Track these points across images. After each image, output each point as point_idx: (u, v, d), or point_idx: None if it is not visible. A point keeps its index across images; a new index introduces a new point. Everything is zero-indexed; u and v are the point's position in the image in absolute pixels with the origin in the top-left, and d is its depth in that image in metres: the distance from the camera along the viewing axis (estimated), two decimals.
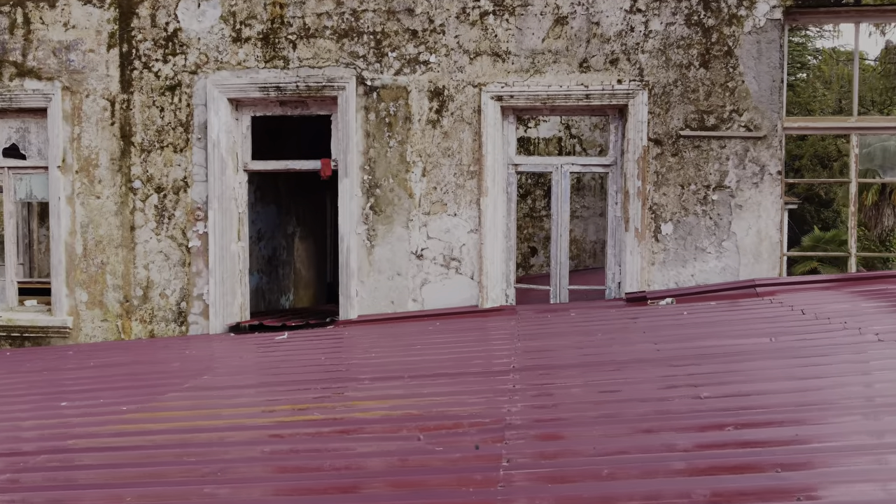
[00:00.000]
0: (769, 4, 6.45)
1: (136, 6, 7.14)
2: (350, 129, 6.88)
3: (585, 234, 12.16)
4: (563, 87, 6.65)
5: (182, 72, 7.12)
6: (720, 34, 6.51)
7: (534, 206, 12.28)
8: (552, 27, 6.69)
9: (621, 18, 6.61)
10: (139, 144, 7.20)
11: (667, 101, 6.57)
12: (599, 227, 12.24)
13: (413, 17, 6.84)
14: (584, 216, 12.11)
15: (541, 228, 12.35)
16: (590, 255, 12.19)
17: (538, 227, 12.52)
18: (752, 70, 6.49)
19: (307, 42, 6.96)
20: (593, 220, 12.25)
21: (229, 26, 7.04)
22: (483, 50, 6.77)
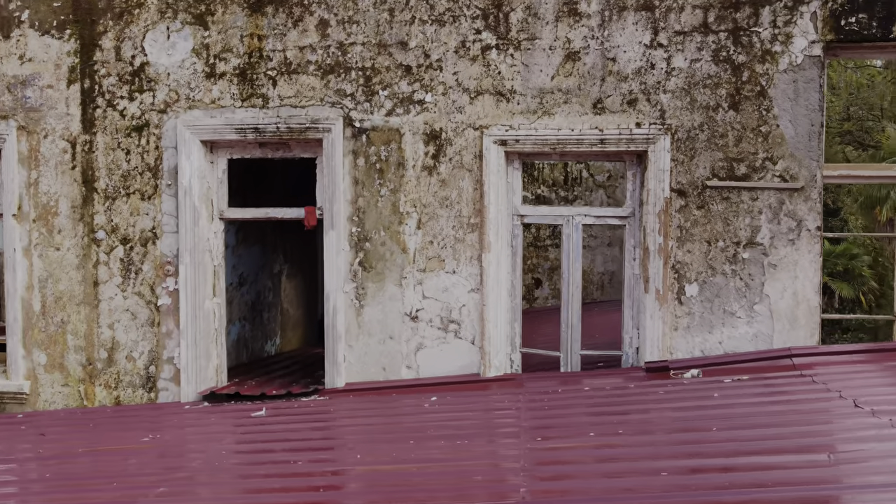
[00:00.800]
0: (807, 39, 5.73)
1: (99, 37, 6.41)
2: (336, 175, 6.16)
3: (593, 265, 11.45)
4: (575, 130, 5.93)
5: (150, 110, 6.39)
6: (752, 72, 5.79)
7: (538, 235, 11.57)
8: (562, 63, 5.96)
9: (640, 54, 5.89)
10: (103, 191, 6.47)
11: (692, 147, 5.85)
12: (608, 258, 11.54)
13: (406, 52, 6.11)
14: (592, 246, 11.40)
15: (546, 259, 11.65)
16: (597, 288, 11.49)
17: (543, 256, 11.82)
18: (788, 113, 5.77)
19: (289, 78, 6.24)
20: (601, 251, 11.55)
21: (202, 60, 6.32)
22: (485, 88, 6.05)
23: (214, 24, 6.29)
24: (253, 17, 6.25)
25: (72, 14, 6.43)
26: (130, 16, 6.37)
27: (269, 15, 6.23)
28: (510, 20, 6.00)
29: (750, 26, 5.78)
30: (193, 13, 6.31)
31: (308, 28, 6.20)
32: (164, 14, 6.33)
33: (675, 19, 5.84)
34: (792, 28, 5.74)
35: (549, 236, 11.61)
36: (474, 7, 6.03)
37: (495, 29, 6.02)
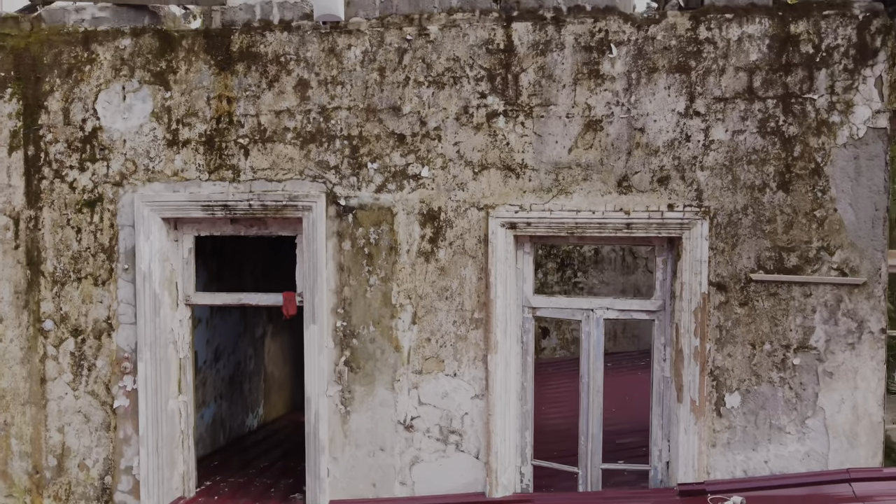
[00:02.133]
0: (871, 108, 4.86)
1: (45, 97, 5.54)
2: (318, 261, 5.30)
3: None
4: (597, 212, 5.06)
5: (104, 183, 5.53)
6: (805, 147, 4.92)
7: (545, 281, 10.71)
8: (582, 134, 5.09)
9: (674, 124, 5.02)
10: (51, 274, 5.62)
11: (734, 234, 4.99)
12: None
13: (400, 118, 5.24)
14: (604, 294, 10.54)
15: None
16: (609, 338, 10.64)
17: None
18: (848, 195, 4.90)
19: (263, 147, 5.37)
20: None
21: (163, 126, 5.45)
22: (491, 162, 5.18)
23: (177, 84, 5.42)
24: (221, 77, 5.38)
25: (13, 70, 5.57)
26: (80, 73, 5.50)
27: (239, 74, 5.37)
28: (520, 83, 5.13)
29: (803, 92, 4.91)
30: (153, 71, 5.44)
31: (285, 89, 5.33)
32: (119, 72, 5.47)
33: (715, 83, 4.97)
34: (853, 95, 4.87)
35: (558, 281, 10.75)
36: (478, 67, 5.16)
37: (503, 93, 5.15)
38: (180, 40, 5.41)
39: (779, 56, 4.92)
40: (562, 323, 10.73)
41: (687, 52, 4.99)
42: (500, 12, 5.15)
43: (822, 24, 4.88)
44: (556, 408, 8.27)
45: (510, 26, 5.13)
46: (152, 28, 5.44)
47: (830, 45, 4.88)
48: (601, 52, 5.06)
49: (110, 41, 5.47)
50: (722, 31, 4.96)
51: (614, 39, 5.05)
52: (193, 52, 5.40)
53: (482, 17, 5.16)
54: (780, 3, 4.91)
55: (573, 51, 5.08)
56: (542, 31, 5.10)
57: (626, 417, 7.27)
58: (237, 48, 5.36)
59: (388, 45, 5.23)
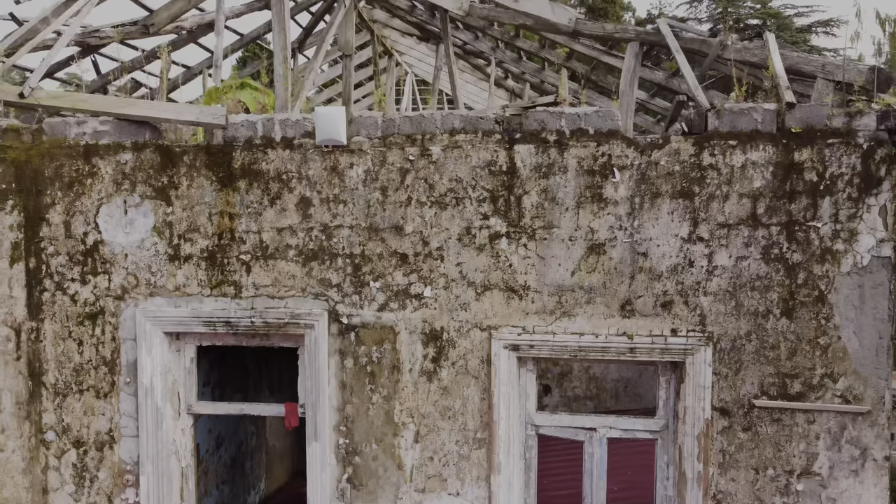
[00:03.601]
0: (875, 237, 4.84)
1: (47, 210, 5.53)
2: (321, 378, 5.29)
3: (606, 370, 10.58)
4: (600, 336, 5.05)
5: (105, 296, 5.52)
6: (809, 274, 4.90)
7: None
8: (585, 257, 5.08)
9: (677, 249, 5.01)
10: (52, 386, 5.61)
11: (737, 360, 4.98)
12: (622, 365, 10.66)
13: (402, 238, 5.23)
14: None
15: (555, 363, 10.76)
16: (612, 396, 10.62)
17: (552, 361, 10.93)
18: (852, 323, 4.89)
19: (265, 264, 5.36)
20: None
21: (165, 241, 5.44)
22: (494, 283, 5.17)
23: (179, 200, 5.41)
24: (223, 193, 5.37)
25: (14, 183, 5.55)
26: (82, 187, 5.49)
27: (241, 191, 5.35)
28: (523, 205, 5.12)
29: (807, 220, 4.89)
30: (154, 186, 5.43)
31: (287, 207, 5.32)
32: (121, 186, 5.45)
33: (719, 209, 4.96)
34: (857, 224, 4.86)
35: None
36: (481, 188, 5.15)
37: (506, 214, 5.14)
38: (182, 156, 5.40)
39: (783, 183, 4.91)
40: (564, 380, 10.71)
41: (690, 178, 4.97)
42: (503, 134, 5.13)
43: (826, 152, 4.86)
44: (557, 481, 8.25)
45: (513, 148, 5.12)
46: (154, 143, 5.42)
47: (834, 173, 4.87)
48: (604, 175, 5.05)
49: (111, 155, 5.45)
50: (726, 157, 4.94)
51: (617, 163, 5.03)
52: (195, 168, 5.38)
53: (485, 139, 5.14)
54: (784, 131, 4.89)
55: (576, 174, 5.07)
56: (545, 154, 5.09)
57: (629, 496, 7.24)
58: (239, 165, 5.34)
59: (390, 164, 5.22)
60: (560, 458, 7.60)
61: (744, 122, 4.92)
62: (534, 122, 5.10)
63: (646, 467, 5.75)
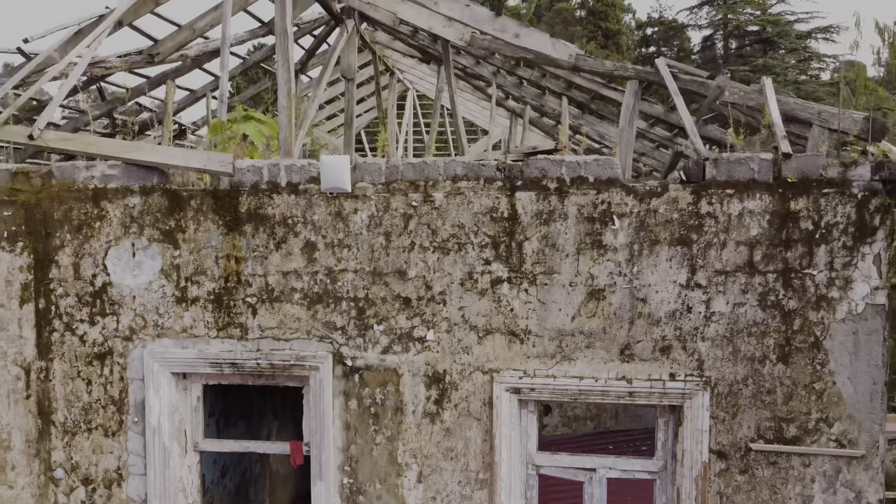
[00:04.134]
0: (870, 285, 4.94)
1: (56, 252, 5.62)
2: (325, 419, 5.39)
3: None
4: (600, 380, 5.15)
5: (114, 337, 5.61)
6: (805, 321, 5.00)
7: None
8: (585, 302, 5.18)
9: (675, 295, 5.10)
10: (61, 424, 5.70)
11: (734, 404, 5.08)
12: None
13: (405, 282, 5.33)
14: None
15: None
16: (611, 416, 10.73)
17: None
18: (847, 368, 4.99)
19: (270, 307, 5.46)
20: None
21: (172, 283, 5.53)
22: (495, 327, 5.27)
23: (186, 243, 5.51)
24: (229, 237, 5.46)
25: (24, 225, 5.65)
26: (91, 230, 5.58)
27: (247, 235, 5.45)
28: (524, 251, 5.21)
29: (803, 268, 4.99)
30: (162, 229, 5.52)
31: (292, 251, 5.42)
32: (129, 229, 5.55)
33: (716, 256, 5.06)
34: (852, 272, 4.95)
35: None
36: (483, 234, 5.25)
37: (507, 260, 5.23)
38: (189, 200, 5.49)
39: (779, 231, 5.00)
40: None
41: (688, 226, 5.07)
42: (505, 181, 5.23)
43: (821, 201, 4.96)
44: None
45: (514, 195, 5.21)
46: (161, 187, 5.52)
47: (830, 222, 4.96)
48: (604, 223, 5.14)
49: (120, 199, 5.55)
50: (723, 205, 5.04)
51: (617, 211, 5.13)
52: (202, 212, 5.48)
53: (486, 186, 5.24)
54: (780, 180, 4.99)
55: (576, 221, 5.17)
56: (546, 201, 5.18)
57: None
58: (245, 209, 5.44)
59: (393, 210, 5.32)
60: (561, 497, 7.68)
61: (741, 171, 5.02)
62: (535, 169, 5.20)
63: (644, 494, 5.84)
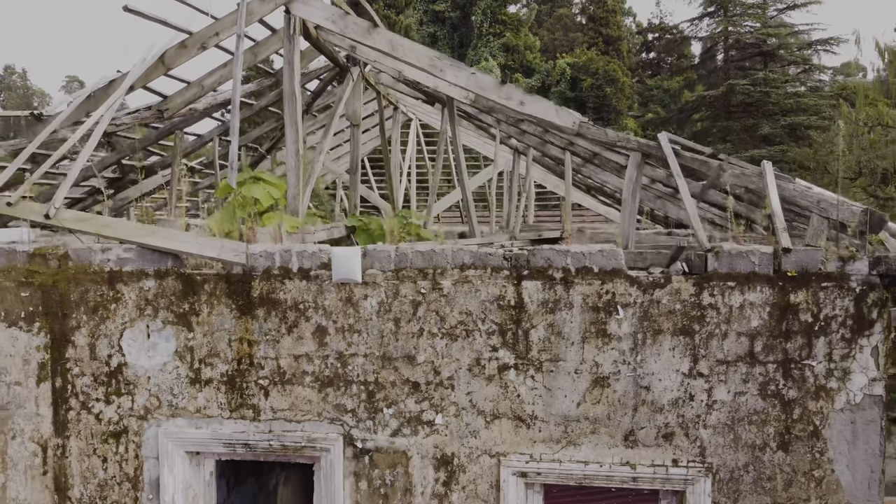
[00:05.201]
0: (867, 376, 5.07)
1: (72, 333, 5.75)
2: (336, 499, 5.53)
3: None
4: (604, 465, 5.29)
5: (129, 416, 5.75)
6: (804, 410, 5.13)
7: None
8: (590, 389, 5.31)
9: (678, 383, 5.23)
10: (77, 500, 5.84)
11: (735, 490, 5.21)
12: None
13: (414, 367, 5.46)
14: None
15: None
16: None
17: None
18: (845, 457, 5.12)
19: (282, 389, 5.59)
20: None
21: (186, 364, 5.66)
22: (502, 412, 5.40)
23: (199, 326, 5.64)
24: (242, 320, 5.59)
25: (41, 305, 5.78)
26: (106, 311, 5.71)
27: (259, 318, 5.58)
28: (530, 338, 5.34)
29: (802, 358, 5.12)
30: (176, 312, 5.65)
31: (304, 335, 5.55)
32: (144, 311, 5.68)
33: (718, 346, 5.19)
34: (850, 363, 5.09)
35: None
36: (490, 322, 5.37)
37: (514, 347, 5.36)
38: (203, 284, 5.62)
39: (779, 323, 5.13)
40: None
41: (691, 316, 5.20)
42: (511, 270, 5.36)
43: (820, 294, 5.09)
44: None
45: (521, 284, 5.34)
46: (175, 271, 5.65)
47: (829, 314, 5.09)
48: (608, 312, 5.27)
49: (135, 282, 5.68)
50: (724, 297, 5.17)
51: (621, 301, 5.26)
52: (215, 296, 5.61)
53: (494, 275, 5.36)
54: (780, 273, 5.11)
55: (581, 310, 5.29)
56: (552, 291, 5.31)
57: None
58: (258, 294, 5.57)
59: (402, 296, 5.44)
60: None
61: (742, 264, 5.14)
62: (540, 259, 5.32)
63: None
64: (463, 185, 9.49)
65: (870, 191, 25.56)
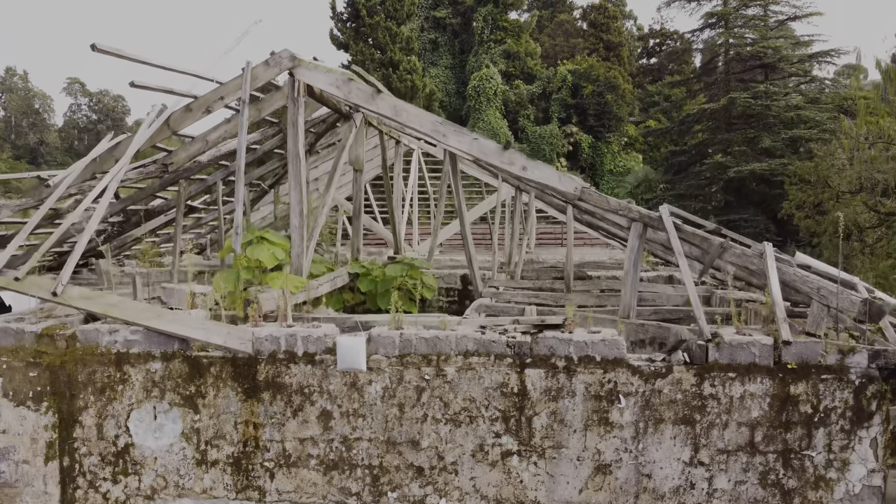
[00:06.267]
0: (866, 467, 5.14)
1: (80, 413, 5.82)
2: None
3: None
4: None
5: (136, 495, 5.81)
6: (804, 499, 5.20)
7: None
8: (592, 476, 5.37)
9: (679, 471, 5.29)
10: None
11: None
12: None
13: (418, 452, 5.52)
14: None
15: None
16: None
17: None
18: None
19: (288, 472, 5.65)
20: None
21: (192, 446, 5.73)
22: (505, 497, 5.46)
23: (206, 408, 5.70)
24: (248, 404, 5.66)
25: (49, 386, 5.84)
26: (114, 392, 5.77)
27: (265, 402, 5.64)
28: (533, 425, 5.40)
29: (802, 449, 5.18)
30: (182, 394, 5.71)
31: (309, 419, 5.61)
32: (151, 393, 5.74)
33: (719, 436, 5.25)
34: (849, 454, 5.15)
35: None
36: (493, 408, 5.44)
37: (517, 433, 5.42)
38: (209, 367, 5.68)
39: (779, 414, 5.19)
40: None
41: (692, 406, 5.26)
42: (515, 358, 5.41)
43: (820, 386, 5.15)
44: None
45: (524, 372, 5.40)
46: (182, 353, 5.71)
47: (828, 406, 5.15)
48: (610, 401, 5.33)
49: (142, 364, 5.74)
50: (725, 387, 5.22)
51: (623, 390, 5.32)
52: (221, 379, 5.67)
53: (497, 362, 5.42)
54: (780, 365, 5.17)
55: (584, 398, 5.35)
56: (555, 379, 5.37)
57: None
58: (263, 377, 5.63)
59: (407, 382, 5.50)
60: None
61: (742, 355, 5.20)
62: (544, 347, 5.38)
63: None
64: (463, 226, 9.52)
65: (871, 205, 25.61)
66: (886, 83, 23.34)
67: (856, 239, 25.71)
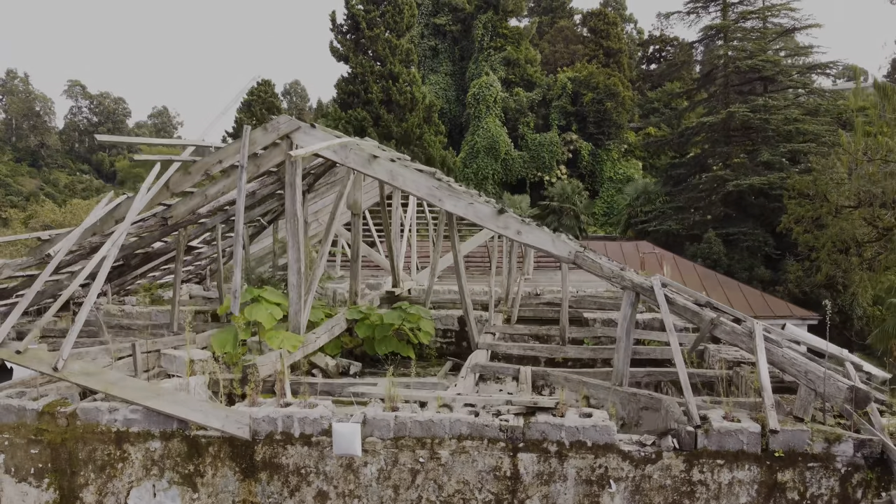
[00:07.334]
0: None
1: (80, 490, 5.92)
2: None
3: None
4: None
5: None
6: None
7: None
8: None
9: None
10: None
11: None
12: None
13: None
14: None
15: None
16: None
17: None
18: None
19: None
20: None
21: None
22: None
23: (204, 486, 5.80)
24: (246, 483, 5.76)
25: (50, 462, 5.94)
26: (114, 470, 5.88)
27: (262, 482, 5.74)
28: None
29: None
30: (181, 473, 5.81)
31: (305, 499, 5.71)
32: (150, 471, 5.84)
33: None
34: None
35: None
36: (487, 491, 5.53)
37: None
38: (207, 447, 5.78)
39: (766, 500, 5.29)
40: None
41: (681, 492, 5.35)
42: (507, 442, 5.51)
43: (807, 474, 5.24)
44: None
45: (516, 456, 5.50)
46: (181, 433, 5.80)
47: (815, 493, 5.24)
48: (601, 485, 5.43)
49: (141, 442, 5.84)
50: (714, 474, 5.32)
51: (613, 475, 5.41)
52: (219, 459, 5.77)
53: (490, 446, 5.52)
54: (768, 453, 5.26)
55: (575, 483, 5.45)
56: (546, 463, 5.47)
57: None
58: (260, 458, 5.73)
59: (401, 464, 5.60)
60: None
61: (730, 442, 5.30)
62: (536, 431, 5.48)
63: None
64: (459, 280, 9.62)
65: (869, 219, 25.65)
66: (884, 100, 23.39)
67: (854, 253, 25.82)
